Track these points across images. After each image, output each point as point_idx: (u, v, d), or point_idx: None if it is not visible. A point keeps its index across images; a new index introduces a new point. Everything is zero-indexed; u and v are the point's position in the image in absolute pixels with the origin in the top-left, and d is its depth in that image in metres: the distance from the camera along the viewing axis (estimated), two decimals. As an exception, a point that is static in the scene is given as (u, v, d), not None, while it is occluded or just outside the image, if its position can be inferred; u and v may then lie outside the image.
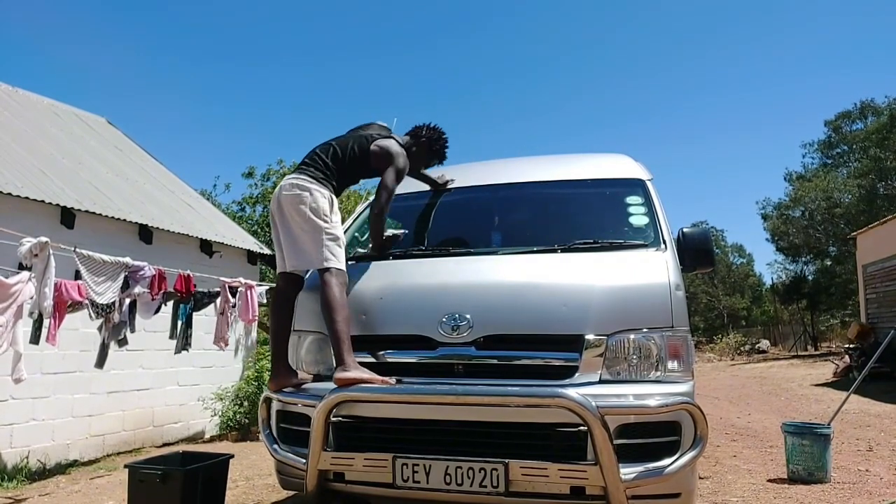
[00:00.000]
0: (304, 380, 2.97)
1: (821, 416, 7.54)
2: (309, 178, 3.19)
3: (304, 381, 2.96)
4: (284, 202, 3.14)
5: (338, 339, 2.78)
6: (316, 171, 3.24)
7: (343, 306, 2.85)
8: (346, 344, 2.77)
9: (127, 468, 3.72)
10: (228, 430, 8.13)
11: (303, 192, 3.11)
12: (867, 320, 14.57)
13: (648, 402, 2.47)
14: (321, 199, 3.12)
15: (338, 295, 2.87)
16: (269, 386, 3.03)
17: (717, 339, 29.94)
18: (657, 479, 2.44)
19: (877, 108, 26.27)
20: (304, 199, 3.09)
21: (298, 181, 3.17)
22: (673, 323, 2.67)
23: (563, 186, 3.71)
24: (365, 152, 3.34)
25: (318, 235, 3.04)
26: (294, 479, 2.91)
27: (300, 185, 3.15)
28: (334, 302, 2.85)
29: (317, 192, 3.13)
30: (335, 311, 2.82)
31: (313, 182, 3.17)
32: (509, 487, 2.48)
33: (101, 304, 5.11)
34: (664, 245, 3.04)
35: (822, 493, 4.38)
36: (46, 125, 8.90)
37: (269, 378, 3.14)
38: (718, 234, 41.16)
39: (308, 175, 3.21)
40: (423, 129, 3.62)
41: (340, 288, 2.91)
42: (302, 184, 3.15)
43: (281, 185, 3.25)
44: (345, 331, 2.80)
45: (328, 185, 3.22)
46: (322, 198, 3.13)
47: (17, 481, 5.63)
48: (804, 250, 28.04)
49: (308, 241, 3.05)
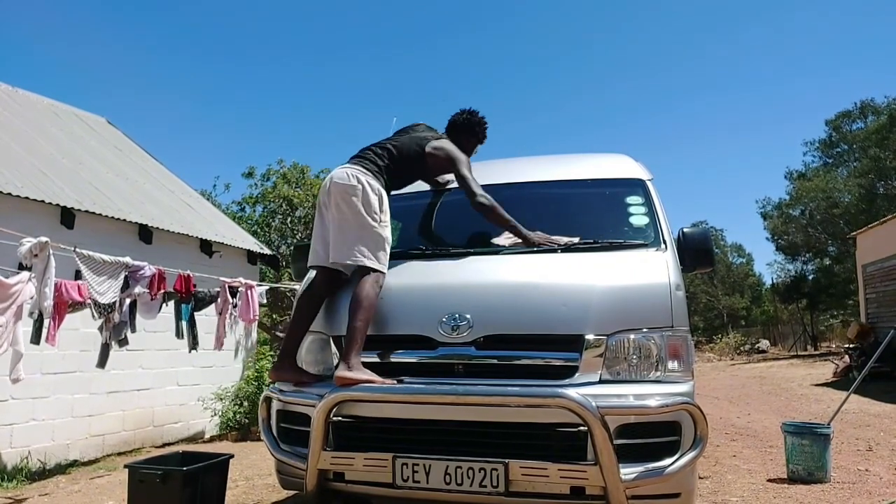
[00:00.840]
0: (305, 380, 2.96)
1: (821, 415, 7.54)
2: (363, 169, 3.09)
3: (304, 381, 2.95)
4: (335, 192, 3.02)
5: (351, 338, 2.75)
6: (371, 164, 3.14)
7: (369, 309, 2.79)
8: (357, 345, 2.75)
9: (127, 468, 3.72)
10: (228, 430, 8.13)
11: (356, 185, 3.00)
12: (867, 320, 14.57)
13: (648, 403, 2.47)
14: (373, 194, 3.02)
15: (371, 296, 2.81)
16: (270, 375, 3.00)
17: (716, 339, 29.97)
18: (657, 479, 2.44)
19: (877, 108, 26.28)
20: (356, 192, 2.98)
21: (352, 171, 3.06)
22: (673, 323, 2.67)
23: (563, 186, 3.71)
24: (421, 155, 3.29)
25: (365, 232, 2.95)
26: (294, 479, 2.91)
27: (353, 175, 3.03)
28: (364, 302, 2.78)
29: (369, 187, 3.02)
30: (361, 310, 2.76)
31: (368, 174, 3.07)
32: (509, 487, 2.48)
33: (103, 303, 5.11)
34: (664, 245, 3.04)
35: (822, 493, 4.38)
36: (46, 125, 8.89)
37: (272, 367, 3.13)
38: (718, 234, 41.16)
39: (362, 167, 3.10)
40: (460, 117, 3.61)
41: (375, 290, 2.84)
42: (356, 174, 3.04)
43: (332, 175, 3.09)
44: (361, 332, 2.76)
45: (381, 179, 3.12)
46: (373, 193, 3.02)
47: (17, 481, 5.63)
48: (804, 250, 28.06)
49: (354, 235, 2.94)
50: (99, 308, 5.11)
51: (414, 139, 3.35)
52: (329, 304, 3.06)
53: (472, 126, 3.63)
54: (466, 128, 3.62)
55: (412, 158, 3.30)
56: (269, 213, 15.85)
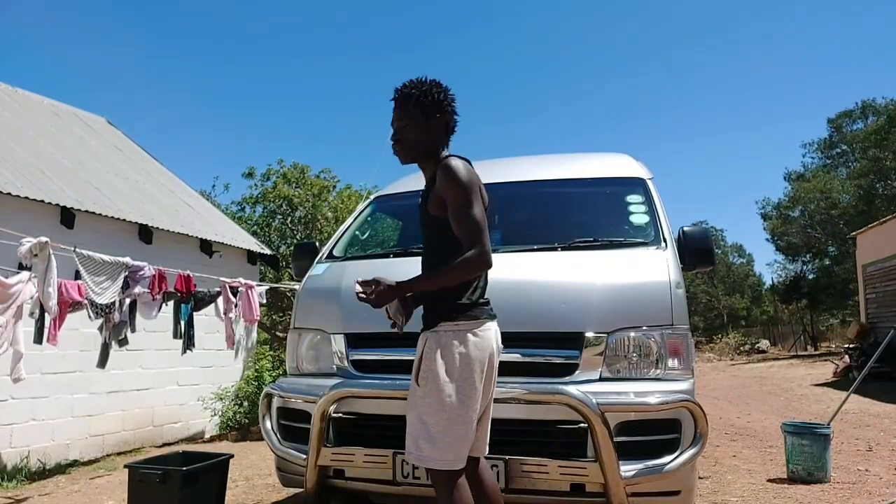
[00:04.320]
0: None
1: (821, 415, 7.53)
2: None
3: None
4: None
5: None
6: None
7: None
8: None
9: (127, 468, 3.71)
10: (228, 430, 8.13)
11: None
12: (867, 320, 14.57)
13: (649, 400, 2.48)
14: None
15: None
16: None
17: (716, 339, 29.94)
18: (657, 476, 2.44)
19: (877, 108, 26.30)
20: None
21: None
22: (673, 321, 2.68)
23: (563, 185, 3.71)
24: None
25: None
26: (294, 476, 2.92)
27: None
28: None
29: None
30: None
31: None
32: (509, 484, 2.49)
33: (100, 303, 5.10)
34: (664, 243, 3.05)
35: (822, 493, 4.38)
36: (46, 125, 8.90)
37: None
38: (718, 234, 41.20)
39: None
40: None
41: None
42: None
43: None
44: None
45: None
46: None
47: (17, 481, 5.63)
48: (804, 250, 28.07)
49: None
50: (96, 308, 5.10)
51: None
52: (330, 302, 3.06)
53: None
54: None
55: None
56: (269, 214, 15.84)
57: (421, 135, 2.26)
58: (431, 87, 2.26)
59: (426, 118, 2.24)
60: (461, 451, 2.09)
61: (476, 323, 2.14)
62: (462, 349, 2.10)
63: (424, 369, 2.13)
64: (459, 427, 2.08)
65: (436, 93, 2.25)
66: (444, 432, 2.07)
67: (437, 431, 2.07)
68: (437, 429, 2.07)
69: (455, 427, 2.07)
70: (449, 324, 2.13)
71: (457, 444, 2.08)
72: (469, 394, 2.09)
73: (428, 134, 2.26)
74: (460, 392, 2.08)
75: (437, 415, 2.08)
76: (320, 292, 3.17)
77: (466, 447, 2.12)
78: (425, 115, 2.24)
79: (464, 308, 2.15)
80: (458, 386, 2.08)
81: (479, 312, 2.18)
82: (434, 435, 2.07)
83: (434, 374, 2.09)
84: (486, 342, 2.15)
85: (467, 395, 2.08)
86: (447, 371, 2.09)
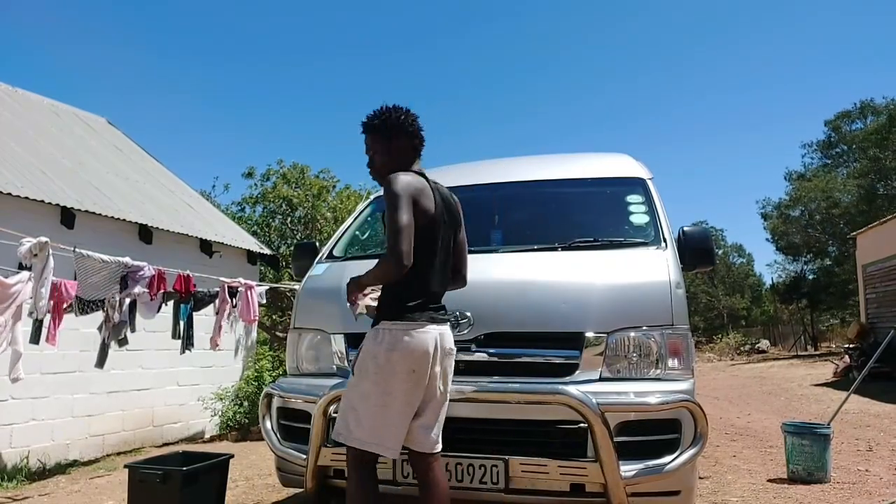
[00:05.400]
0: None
1: (821, 416, 7.53)
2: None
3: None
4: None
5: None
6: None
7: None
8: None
9: (127, 468, 3.71)
10: (228, 430, 8.12)
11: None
12: (867, 320, 14.57)
13: (649, 400, 2.48)
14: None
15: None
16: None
17: (716, 339, 29.95)
18: (657, 476, 2.44)
19: (876, 108, 26.28)
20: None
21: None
22: (673, 321, 2.68)
23: (563, 185, 3.71)
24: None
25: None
26: (294, 476, 2.92)
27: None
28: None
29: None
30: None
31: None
32: (509, 484, 2.49)
33: (86, 300, 5.08)
34: (664, 243, 3.05)
35: (822, 493, 4.38)
36: (46, 125, 8.89)
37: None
38: (718, 234, 41.19)
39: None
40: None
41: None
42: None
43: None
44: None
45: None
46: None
47: (17, 481, 5.63)
48: (804, 250, 28.06)
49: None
50: (81, 305, 5.08)
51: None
52: (330, 302, 3.05)
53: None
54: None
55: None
56: (269, 214, 15.83)
57: (385, 157, 2.49)
58: (391, 113, 2.50)
59: (389, 141, 2.49)
60: (384, 437, 2.29)
61: (413, 325, 2.31)
62: (390, 346, 2.28)
63: (359, 360, 2.36)
64: (381, 416, 2.29)
65: (395, 117, 2.48)
66: (368, 416, 2.30)
67: (363, 416, 2.30)
68: (362, 413, 2.31)
69: (378, 414, 2.29)
70: (387, 323, 2.33)
71: (379, 430, 2.29)
72: (390, 388, 2.28)
73: (390, 156, 2.49)
74: (381, 384, 2.28)
75: (362, 401, 2.32)
76: (320, 292, 3.17)
77: (391, 436, 2.30)
78: (388, 139, 2.49)
79: (404, 310, 2.32)
80: (381, 378, 2.28)
81: (419, 315, 2.33)
82: (360, 418, 2.31)
83: (364, 365, 2.33)
84: (420, 343, 2.29)
85: (388, 388, 2.28)
86: (375, 364, 2.29)
